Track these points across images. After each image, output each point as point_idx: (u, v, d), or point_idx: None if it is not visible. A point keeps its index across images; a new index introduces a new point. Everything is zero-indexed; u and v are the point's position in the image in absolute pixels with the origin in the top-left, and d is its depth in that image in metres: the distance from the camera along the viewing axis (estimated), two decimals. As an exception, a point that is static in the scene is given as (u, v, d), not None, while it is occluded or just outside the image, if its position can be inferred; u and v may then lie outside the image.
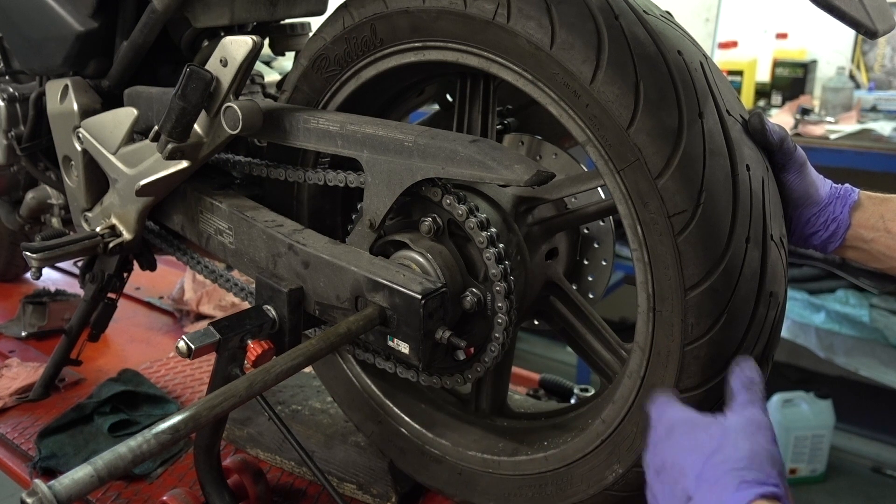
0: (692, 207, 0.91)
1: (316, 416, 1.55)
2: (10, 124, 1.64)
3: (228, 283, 1.48)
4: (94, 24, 1.42)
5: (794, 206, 1.05)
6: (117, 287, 1.71)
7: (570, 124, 0.99)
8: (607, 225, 1.27)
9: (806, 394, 3.34)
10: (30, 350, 2.02)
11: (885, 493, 3.38)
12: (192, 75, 1.15)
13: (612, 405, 1.08)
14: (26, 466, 1.54)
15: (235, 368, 1.19)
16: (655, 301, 0.98)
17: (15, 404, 1.76)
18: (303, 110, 1.22)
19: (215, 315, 2.18)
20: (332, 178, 1.22)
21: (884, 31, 0.91)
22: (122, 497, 1.45)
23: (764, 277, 0.94)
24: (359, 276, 1.12)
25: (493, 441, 1.28)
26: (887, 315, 3.01)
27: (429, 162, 1.06)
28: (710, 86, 0.94)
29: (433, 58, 1.11)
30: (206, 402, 0.94)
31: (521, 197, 1.20)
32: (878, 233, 1.06)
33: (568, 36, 0.94)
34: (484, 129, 1.24)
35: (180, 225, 1.44)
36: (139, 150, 1.37)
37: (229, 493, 1.31)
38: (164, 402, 1.74)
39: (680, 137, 0.90)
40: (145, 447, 0.88)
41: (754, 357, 0.97)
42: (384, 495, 1.39)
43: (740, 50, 3.98)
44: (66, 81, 1.47)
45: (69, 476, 0.83)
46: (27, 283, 2.46)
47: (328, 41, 1.20)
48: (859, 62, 3.80)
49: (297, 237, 1.22)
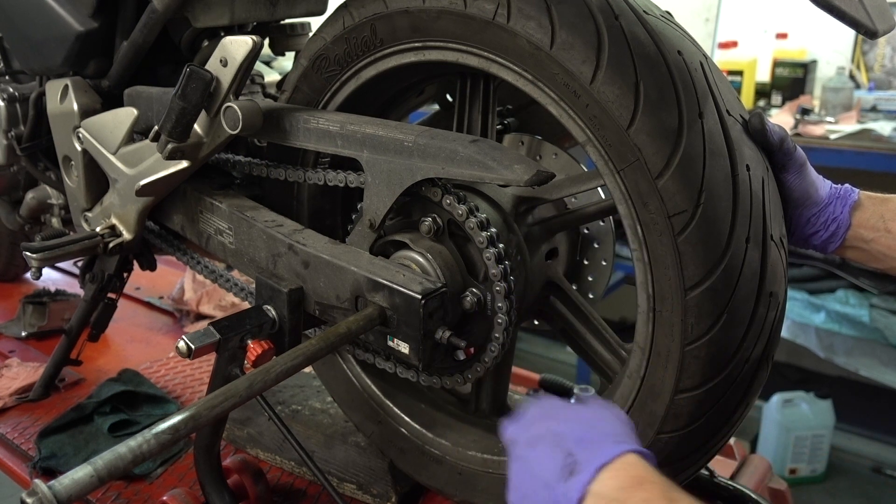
0: (692, 207, 0.91)
1: (316, 416, 1.55)
2: (10, 124, 1.64)
3: (228, 283, 1.48)
4: (94, 24, 1.42)
5: (794, 206, 1.05)
6: (117, 287, 1.71)
7: (570, 124, 0.99)
8: (607, 225, 1.27)
9: (806, 394, 3.34)
10: (30, 350, 2.02)
11: (885, 492, 3.37)
12: (192, 75, 1.15)
13: (612, 405, 1.08)
14: (26, 466, 1.54)
15: (235, 368, 1.19)
16: (655, 301, 0.98)
17: (15, 404, 1.76)
18: (303, 110, 1.22)
19: (215, 315, 2.18)
20: (332, 178, 1.22)
21: (884, 31, 0.91)
22: (122, 497, 1.45)
23: (764, 277, 0.94)
24: (359, 276, 1.12)
25: (493, 441, 1.28)
26: (887, 315, 3.01)
27: (429, 162, 1.06)
28: (710, 86, 0.94)
29: (433, 58, 1.11)
30: (206, 402, 0.94)
31: (521, 197, 1.20)
32: (878, 233, 1.06)
33: (568, 36, 0.94)
34: (484, 129, 1.24)
35: (180, 225, 1.44)
36: (139, 150, 1.37)
37: (229, 493, 1.31)
38: (164, 402, 1.74)
39: (680, 137, 0.90)
40: (145, 447, 0.88)
41: (754, 357, 0.97)
42: (384, 495, 1.39)
43: (740, 50, 3.98)
44: (66, 81, 1.47)
45: (69, 476, 0.83)
46: (27, 283, 2.46)
47: (328, 41, 1.20)
48: (859, 62, 3.80)
49: (297, 237, 1.22)
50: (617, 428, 0.84)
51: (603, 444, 0.80)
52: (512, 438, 0.89)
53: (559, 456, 0.80)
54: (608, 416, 0.87)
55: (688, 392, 0.99)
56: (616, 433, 0.83)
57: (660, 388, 1.01)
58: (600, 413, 0.87)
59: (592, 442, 0.81)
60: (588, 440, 0.81)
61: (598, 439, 0.81)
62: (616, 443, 0.80)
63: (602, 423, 0.85)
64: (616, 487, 0.75)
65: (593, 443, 0.80)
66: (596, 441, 0.81)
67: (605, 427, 0.84)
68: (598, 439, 0.81)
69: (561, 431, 0.83)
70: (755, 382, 1.01)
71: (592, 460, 0.78)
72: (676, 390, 0.99)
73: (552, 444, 0.82)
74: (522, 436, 0.87)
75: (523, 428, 0.89)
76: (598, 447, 0.79)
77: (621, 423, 0.87)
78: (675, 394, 1.00)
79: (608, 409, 0.89)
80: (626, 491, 0.74)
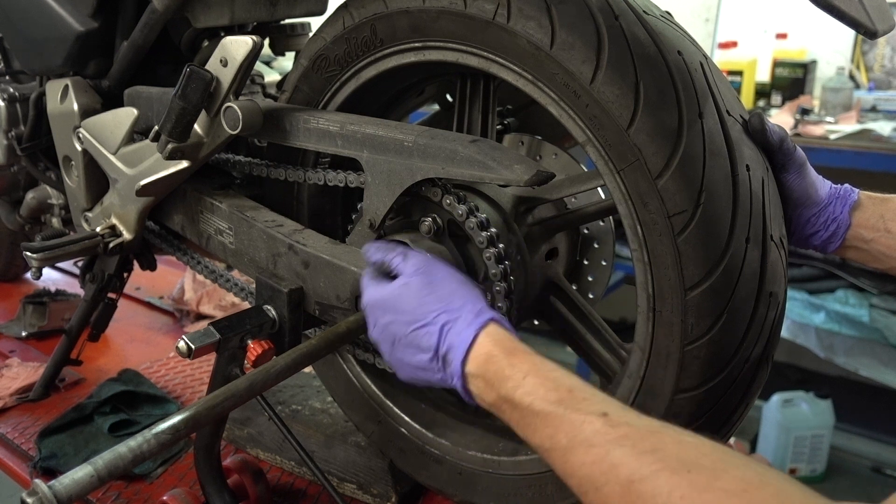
0: (692, 207, 0.91)
1: (316, 416, 1.55)
2: (11, 124, 1.64)
3: (228, 283, 1.48)
4: (95, 24, 1.42)
5: (794, 206, 1.05)
6: (117, 287, 1.71)
7: (570, 124, 0.99)
8: (607, 225, 1.27)
9: (806, 394, 3.34)
10: (30, 350, 2.02)
11: (885, 493, 3.33)
12: (192, 75, 1.15)
13: (612, 405, 1.08)
14: (26, 466, 1.54)
15: (235, 368, 1.19)
16: (655, 301, 0.98)
17: (15, 404, 1.76)
18: (303, 110, 1.22)
19: (215, 315, 2.18)
20: (332, 178, 1.22)
21: (883, 31, 0.91)
22: (122, 497, 1.45)
23: (764, 277, 0.94)
24: (359, 276, 1.12)
25: (493, 441, 1.28)
26: (887, 315, 3.01)
27: (429, 162, 1.06)
28: (710, 86, 0.94)
29: (433, 58, 1.11)
30: (206, 402, 0.94)
31: (521, 197, 1.20)
32: (878, 233, 1.06)
33: (568, 36, 0.94)
34: (484, 129, 1.24)
35: (180, 225, 1.44)
36: (139, 150, 1.37)
37: (229, 493, 1.31)
38: (164, 402, 1.74)
39: (680, 138, 0.90)
40: (145, 447, 0.88)
41: (754, 357, 0.97)
42: (384, 495, 1.39)
43: (740, 50, 3.98)
44: (67, 81, 1.47)
45: (69, 476, 0.83)
46: (27, 283, 2.45)
47: (328, 41, 1.20)
48: (859, 62, 3.80)
49: (297, 237, 1.22)
50: (465, 294, 0.91)
51: (461, 322, 0.87)
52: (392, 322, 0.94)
53: (428, 353, 0.89)
54: (435, 289, 0.92)
55: (688, 392, 0.99)
56: (466, 302, 0.89)
57: (660, 388, 1.01)
58: (426, 289, 0.92)
59: (453, 322, 0.88)
60: (449, 323, 0.88)
61: (455, 317, 0.88)
62: (474, 317, 0.87)
63: (451, 297, 0.90)
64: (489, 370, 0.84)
65: (454, 323, 0.87)
66: (453, 320, 0.88)
67: (456, 300, 0.90)
68: (454, 317, 0.88)
69: (409, 322, 0.90)
70: (755, 382, 1.01)
71: (459, 346, 0.86)
72: (676, 390, 0.99)
73: (410, 341, 0.90)
74: (383, 332, 0.95)
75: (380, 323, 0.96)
76: (458, 329, 0.87)
77: (460, 283, 0.93)
78: (675, 394, 1.00)
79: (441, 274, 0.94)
80: (498, 372, 0.83)
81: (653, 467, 0.66)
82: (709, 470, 0.65)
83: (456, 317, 0.88)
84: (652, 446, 0.68)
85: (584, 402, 0.76)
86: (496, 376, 0.82)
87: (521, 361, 0.82)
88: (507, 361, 0.83)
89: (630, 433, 0.71)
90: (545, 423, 0.76)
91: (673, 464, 0.66)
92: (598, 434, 0.71)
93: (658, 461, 0.67)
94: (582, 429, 0.73)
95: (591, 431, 0.72)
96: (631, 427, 0.71)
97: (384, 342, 0.97)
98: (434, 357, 0.88)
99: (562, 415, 0.75)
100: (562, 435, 0.74)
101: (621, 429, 0.71)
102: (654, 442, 0.69)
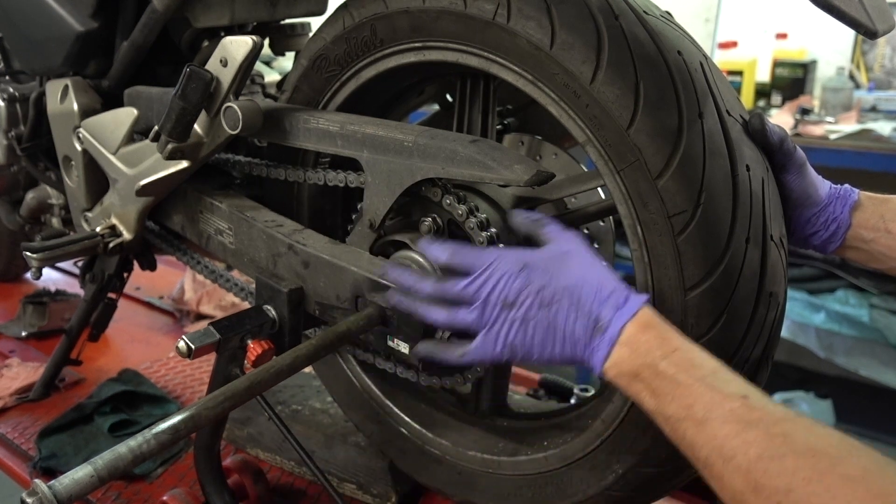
0: (692, 207, 0.91)
1: (316, 416, 1.55)
2: (11, 124, 1.64)
3: (228, 283, 1.48)
4: (95, 24, 1.42)
5: (794, 206, 1.05)
6: (117, 287, 1.71)
7: (570, 124, 0.99)
8: (607, 225, 1.27)
9: (806, 394, 3.34)
10: (30, 350, 2.02)
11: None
12: (192, 75, 1.15)
13: (612, 405, 1.08)
14: (26, 466, 1.54)
15: (235, 368, 1.19)
16: (655, 301, 0.98)
17: (15, 404, 1.76)
18: (303, 110, 1.22)
19: (215, 315, 2.18)
20: (332, 178, 1.22)
21: (883, 31, 0.91)
22: (122, 497, 1.45)
23: (764, 278, 0.94)
24: (359, 276, 1.12)
25: (493, 441, 1.28)
26: (887, 315, 3.01)
27: (429, 162, 1.06)
28: (710, 86, 0.94)
29: (433, 58, 1.11)
30: (206, 402, 0.94)
31: (521, 197, 1.20)
32: (878, 233, 1.06)
33: (568, 36, 0.94)
34: (484, 129, 1.23)
35: (180, 225, 1.44)
36: (139, 150, 1.37)
37: (229, 493, 1.31)
38: (164, 402, 1.74)
39: (680, 138, 0.90)
40: (145, 447, 0.88)
41: (754, 357, 0.97)
42: (384, 495, 1.39)
43: (740, 50, 3.98)
44: (67, 81, 1.47)
45: (69, 476, 0.83)
46: (27, 283, 2.46)
47: (328, 41, 1.20)
48: (859, 62, 3.80)
49: (297, 237, 1.22)
50: (612, 276, 0.92)
51: (624, 295, 0.89)
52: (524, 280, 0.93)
53: (585, 317, 0.89)
54: (597, 263, 0.93)
55: (688, 392, 0.98)
56: (617, 283, 0.91)
57: (660, 388, 1.01)
58: (590, 261, 0.93)
59: (618, 294, 0.89)
60: (616, 292, 0.89)
61: (619, 288, 0.90)
62: (635, 293, 0.89)
63: (603, 275, 0.91)
64: (639, 339, 0.86)
65: (616, 294, 0.89)
66: (616, 290, 0.89)
67: (612, 276, 0.92)
68: (618, 288, 0.89)
69: (572, 286, 0.90)
70: (755, 382, 1.00)
71: (623, 314, 0.87)
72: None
73: (570, 303, 0.90)
74: (536, 293, 0.92)
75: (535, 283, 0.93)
76: (618, 300, 0.88)
77: (605, 268, 0.94)
78: (675, 394, 1.00)
79: (591, 254, 0.95)
80: (648, 342, 0.85)
81: (781, 449, 0.72)
82: (832, 457, 0.71)
83: (619, 288, 0.90)
84: (783, 431, 0.74)
85: (726, 383, 0.81)
86: (646, 346, 0.85)
87: (673, 338, 0.86)
88: (662, 335, 0.86)
89: (765, 417, 0.76)
90: (686, 394, 0.81)
91: (800, 448, 0.72)
92: (736, 413, 0.77)
93: (787, 444, 0.73)
94: (721, 405, 0.78)
95: (729, 409, 0.77)
96: (766, 412, 0.76)
97: (523, 303, 0.93)
98: (588, 321, 0.89)
99: (704, 390, 0.80)
100: (700, 406, 0.79)
101: (757, 412, 0.76)
102: (786, 427, 0.74)
